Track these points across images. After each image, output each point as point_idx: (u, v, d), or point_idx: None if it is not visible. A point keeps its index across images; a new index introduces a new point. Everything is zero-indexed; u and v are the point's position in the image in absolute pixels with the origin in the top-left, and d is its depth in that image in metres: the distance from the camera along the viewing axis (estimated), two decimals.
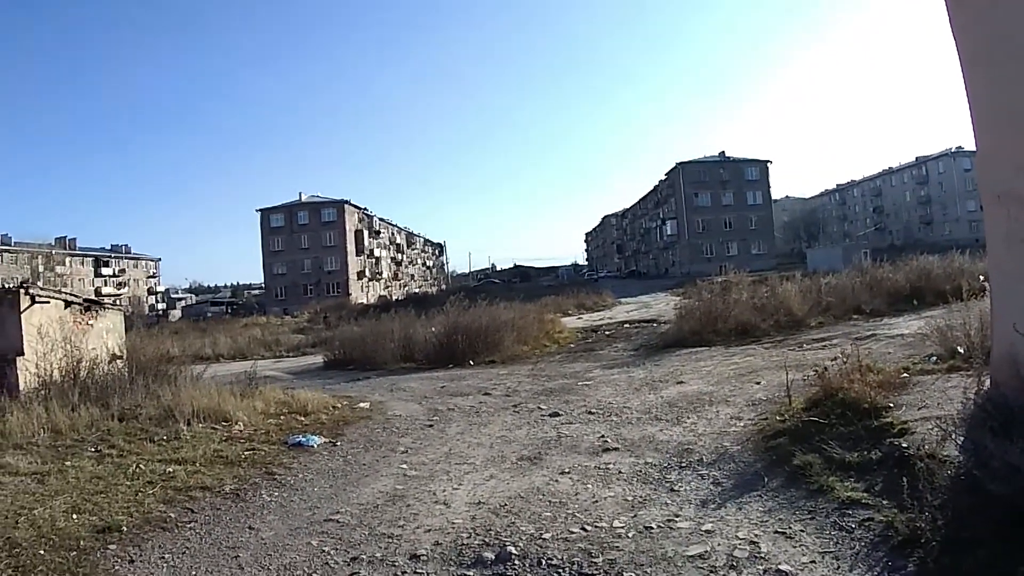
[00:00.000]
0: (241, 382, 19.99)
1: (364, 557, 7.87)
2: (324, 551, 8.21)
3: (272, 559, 8.12)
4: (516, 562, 7.30)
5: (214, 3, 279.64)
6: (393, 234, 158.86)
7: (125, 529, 9.40)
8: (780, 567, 6.65)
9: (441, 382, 22.56)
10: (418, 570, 7.38)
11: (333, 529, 9.00)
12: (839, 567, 6.56)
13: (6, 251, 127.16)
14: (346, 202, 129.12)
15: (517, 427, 14.59)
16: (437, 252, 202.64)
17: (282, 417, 17.09)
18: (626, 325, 37.61)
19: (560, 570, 7.03)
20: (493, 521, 8.65)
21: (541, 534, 8.02)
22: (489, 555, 7.52)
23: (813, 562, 6.72)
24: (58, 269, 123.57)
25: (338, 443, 14.38)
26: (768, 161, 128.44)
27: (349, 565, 7.71)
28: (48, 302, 23.64)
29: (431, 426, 15.56)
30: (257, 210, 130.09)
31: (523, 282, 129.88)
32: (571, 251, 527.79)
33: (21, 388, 20.55)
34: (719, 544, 7.30)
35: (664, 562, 6.99)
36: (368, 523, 9.10)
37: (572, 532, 8.00)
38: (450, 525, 8.66)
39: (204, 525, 9.61)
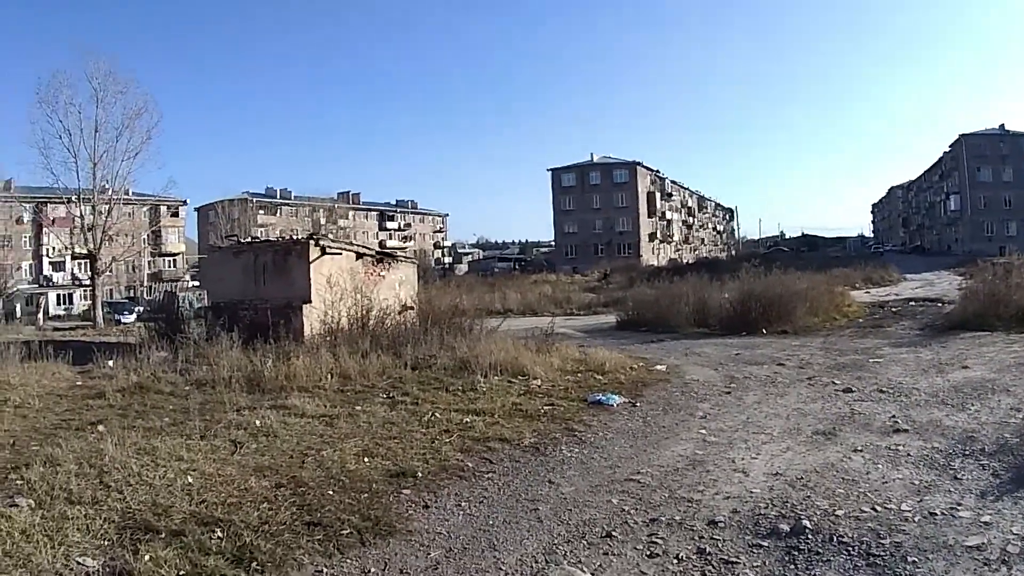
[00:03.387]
0: (535, 337, 20.51)
1: (663, 519, 7.94)
2: (624, 510, 8.34)
3: (572, 514, 8.30)
4: (809, 536, 7.26)
5: None
6: (685, 197, 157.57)
7: (420, 475, 9.85)
8: None
9: (735, 349, 22.51)
10: (715, 536, 7.41)
11: (634, 489, 9.13)
12: None
13: (285, 205, 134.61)
14: (638, 164, 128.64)
15: (812, 400, 14.46)
16: (727, 217, 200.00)
17: (579, 375, 17.44)
18: (911, 303, 36.56)
19: (849, 548, 6.95)
20: (789, 493, 8.62)
21: (834, 510, 7.95)
22: (784, 527, 7.50)
23: None
24: (340, 222, 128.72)
25: (637, 404, 14.55)
26: None
27: (648, 526, 7.80)
28: (339, 253, 24.79)
29: (728, 393, 15.56)
30: (548, 169, 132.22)
31: (811, 251, 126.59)
32: (857, 221, 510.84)
33: (306, 334, 21.62)
34: (995, 537, 7.09)
35: (944, 550, 6.83)
36: (668, 486, 9.20)
37: (863, 511, 7.89)
38: (748, 494, 8.68)
39: (503, 476, 9.96)
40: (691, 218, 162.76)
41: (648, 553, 7.05)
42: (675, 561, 6.84)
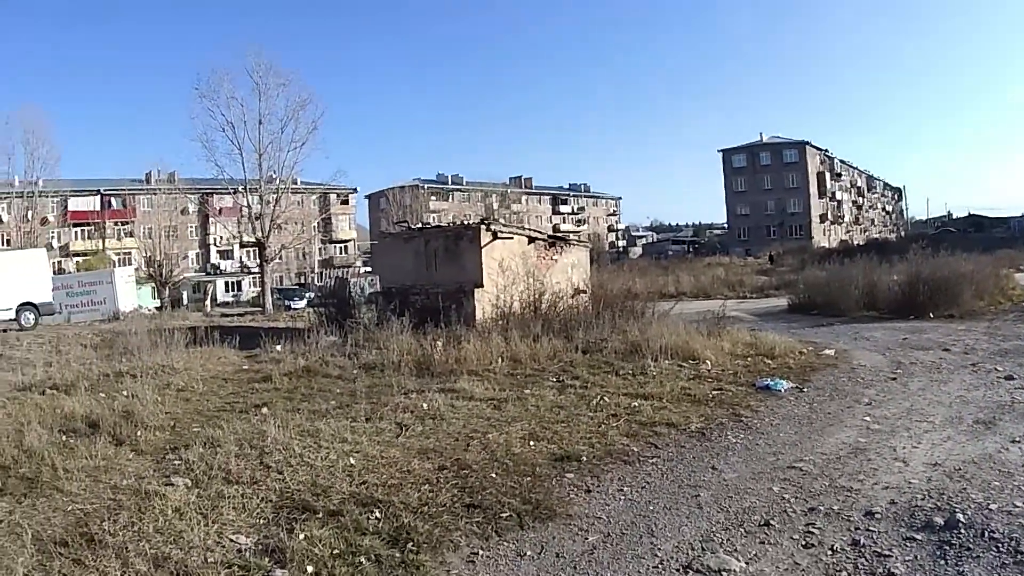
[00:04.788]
0: (706, 321, 20.43)
1: (821, 508, 7.88)
2: (784, 498, 8.31)
3: (732, 501, 8.29)
4: (962, 531, 7.08)
5: None
6: (854, 177, 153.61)
7: (584, 459, 9.94)
8: None
9: (903, 334, 21.99)
10: (871, 527, 7.31)
11: (795, 477, 9.08)
12: None
13: (457, 191, 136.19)
14: (807, 143, 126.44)
15: (975, 388, 14.05)
16: (895, 197, 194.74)
17: (749, 359, 17.39)
18: None
19: (1000, 544, 6.77)
20: (947, 485, 8.43)
21: (988, 504, 7.73)
22: (939, 520, 7.35)
23: None
24: (513, 207, 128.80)
25: (804, 389, 14.44)
26: None
27: (806, 515, 7.75)
28: (511, 238, 24.90)
29: (894, 379, 15.27)
30: (719, 151, 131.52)
31: (977, 232, 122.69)
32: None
33: (477, 318, 21.85)
34: None
35: None
36: (829, 474, 9.10)
37: (1016, 506, 7.63)
38: (907, 484, 8.52)
39: (667, 461, 9.98)
40: (860, 198, 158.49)
41: (804, 543, 7.01)
42: (829, 552, 6.79)
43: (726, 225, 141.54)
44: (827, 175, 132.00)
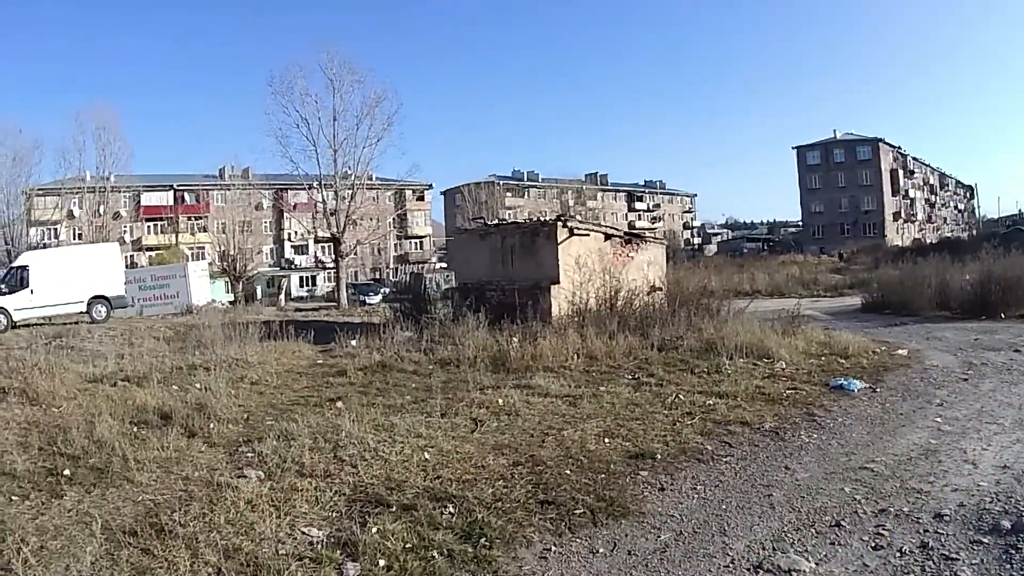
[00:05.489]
0: (781, 319, 20.48)
1: (891, 510, 7.87)
2: (855, 499, 8.30)
3: (804, 502, 8.32)
4: None
5: None
6: (926, 175, 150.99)
7: (659, 457, 10.02)
8: None
9: (974, 334, 21.79)
10: (939, 530, 7.29)
11: (866, 478, 9.05)
12: None
13: (533, 187, 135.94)
14: (880, 140, 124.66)
15: None
16: (967, 195, 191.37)
17: (822, 358, 17.36)
18: None
19: None
20: (1015, 488, 8.37)
21: None
22: (1006, 524, 7.33)
23: None
24: (589, 204, 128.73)
25: (877, 389, 14.37)
26: None
27: (876, 517, 7.74)
28: (587, 234, 24.96)
29: (965, 380, 15.12)
30: (793, 147, 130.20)
31: None
32: None
33: (553, 314, 21.91)
34: None
35: None
36: (900, 475, 9.07)
37: None
38: (975, 487, 8.48)
39: (740, 460, 10.03)
40: (932, 196, 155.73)
41: (873, 545, 7.02)
42: (898, 554, 6.81)
43: (800, 223, 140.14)
44: (900, 172, 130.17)
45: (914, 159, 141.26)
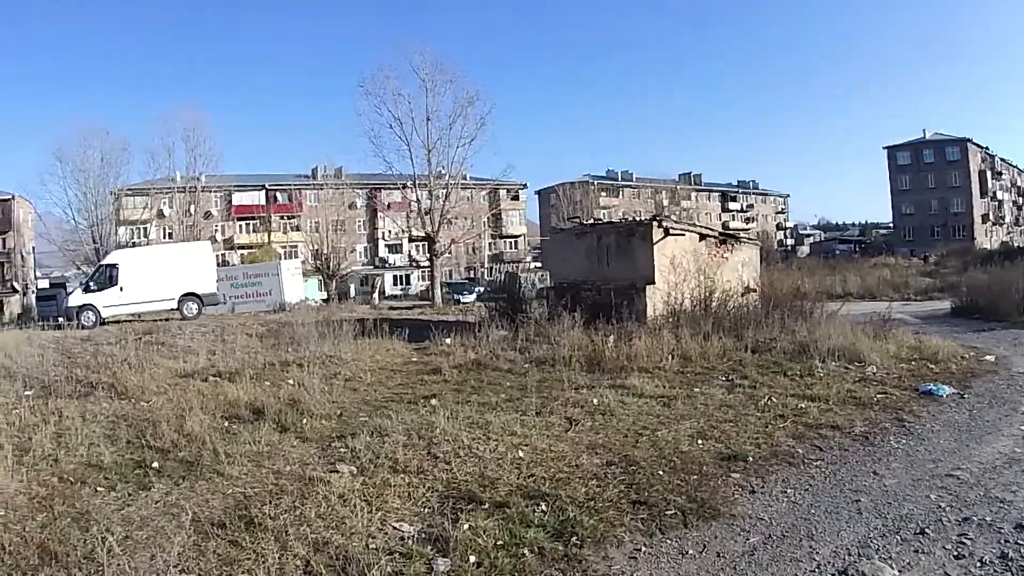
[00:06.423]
0: (872, 323, 20.27)
1: (975, 519, 7.81)
2: (940, 507, 8.24)
3: (891, 508, 8.27)
4: None
5: None
6: (1014, 176, 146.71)
7: (751, 459, 10.06)
8: None
9: None
10: (1020, 540, 7.23)
11: (952, 485, 8.97)
12: None
13: (627, 187, 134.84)
14: (968, 140, 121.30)
15: None
16: None
17: (912, 362, 17.18)
18: None
19: None
20: None
21: None
22: None
23: None
24: (683, 204, 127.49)
25: (965, 395, 14.19)
26: None
27: (960, 525, 7.68)
28: (682, 234, 24.96)
29: None
30: (884, 147, 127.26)
31: None
32: None
33: (648, 315, 21.90)
34: None
35: None
36: (984, 484, 8.99)
37: None
38: None
39: (830, 464, 10.00)
40: (1020, 198, 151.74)
41: (955, 554, 7.01)
42: (979, 564, 6.79)
43: (891, 224, 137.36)
44: (988, 174, 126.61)
45: (1002, 160, 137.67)
